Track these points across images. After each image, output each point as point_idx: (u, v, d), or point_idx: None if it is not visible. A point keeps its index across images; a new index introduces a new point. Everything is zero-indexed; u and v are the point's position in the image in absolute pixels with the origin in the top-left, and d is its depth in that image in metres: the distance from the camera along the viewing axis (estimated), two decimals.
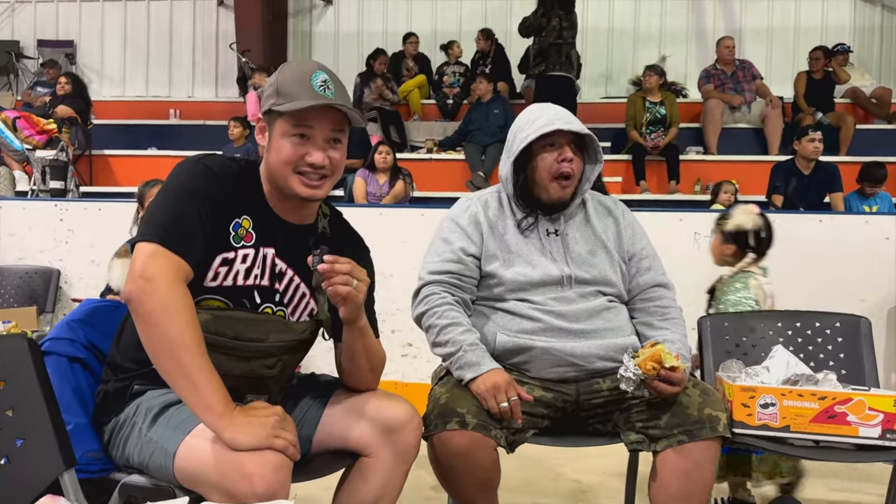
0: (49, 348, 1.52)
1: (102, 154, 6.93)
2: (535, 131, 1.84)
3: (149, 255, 1.33)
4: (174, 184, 1.42)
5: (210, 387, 1.29)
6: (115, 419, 1.46)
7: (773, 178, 5.25)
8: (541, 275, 1.83)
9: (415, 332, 2.11)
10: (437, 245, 1.91)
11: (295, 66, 1.49)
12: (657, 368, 1.64)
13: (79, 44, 9.40)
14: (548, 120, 1.85)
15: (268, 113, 1.47)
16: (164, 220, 1.37)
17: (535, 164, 1.87)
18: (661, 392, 1.68)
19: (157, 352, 1.31)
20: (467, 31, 8.48)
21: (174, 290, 1.31)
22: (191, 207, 1.38)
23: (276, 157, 1.45)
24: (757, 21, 8.52)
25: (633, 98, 6.67)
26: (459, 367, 1.74)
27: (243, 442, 1.26)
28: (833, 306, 2.40)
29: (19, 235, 4.16)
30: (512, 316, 1.83)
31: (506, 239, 1.88)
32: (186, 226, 1.37)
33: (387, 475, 1.53)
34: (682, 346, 1.82)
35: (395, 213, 4.13)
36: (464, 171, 6.53)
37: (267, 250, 1.49)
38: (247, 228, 1.47)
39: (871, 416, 1.74)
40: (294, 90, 1.43)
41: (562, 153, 1.85)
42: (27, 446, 1.29)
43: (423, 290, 1.86)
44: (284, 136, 1.45)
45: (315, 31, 9.25)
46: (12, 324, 3.26)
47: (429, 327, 1.82)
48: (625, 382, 1.69)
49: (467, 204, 1.95)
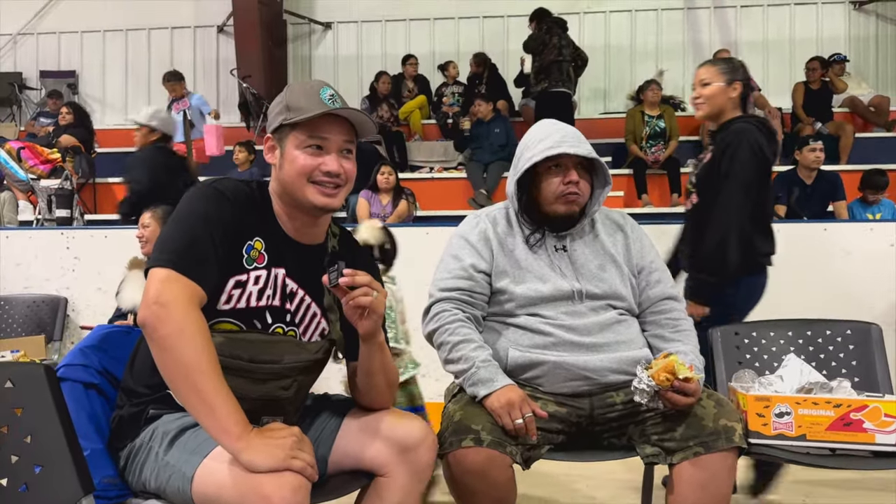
0: (64, 375, 1.53)
1: (106, 182, 6.97)
2: (540, 152, 1.85)
3: (163, 281, 1.34)
4: (186, 209, 1.43)
5: (227, 409, 1.29)
6: (131, 444, 1.45)
7: (776, 188, 5.25)
8: (551, 290, 1.83)
9: (424, 350, 2.11)
10: (447, 262, 1.91)
11: (302, 83, 1.53)
12: (671, 379, 1.64)
13: (81, 74, 9.50)
14: (554, 142, 1.85)
15: (277, 130, 1.49)
16: (178, 246, 1.38)
17: (541, 184, 1.88)
18: (675, 403, 1.67)
19: (174, 376, 1.32)
20: (465, 51, 8.56)
21: (189, 315, 1.32)
22: (203, 232, 1.39)
23: (290, 168, 1.47)
24: (752, 33, 8.59)
25: (631, 112, 6.71)
26: (473, 383, 1.74)
27: (261, 463, 1.25)
28: (842, 314, 2.39)
29: (25, 264, 4.18)
30: (524, 331, 1.83)
31: (515, 255, 1.89)
32: (199, 250, 1.38)
33: (402, 494, 1.52)
34: (695, 357, 1.82)
35: (398, 232, 4.12)
36: (466, 189, 6.55)
37: (278, 271, 1.50)
38: (259, 250, 1.48)
39: (887, 422, 1.73)
40: (304, 104, 1.46)
41: (567, 176, 1.85)
42: (45, 473, 1.28)
43: (433, 308, 1.87)
44: (298, 147, 1.47)
45: (315, 56, 9.33)
46: (21, 353, 3.27)
47: (441, 344, 1.82)
48: (639, 394, 1.69)
49: (476, 220, 1.96)
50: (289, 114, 1.47)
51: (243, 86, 7.90)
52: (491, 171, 6.41)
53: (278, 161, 1.50)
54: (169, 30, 9.38)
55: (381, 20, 9.09)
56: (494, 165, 6.42)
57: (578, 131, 1.92)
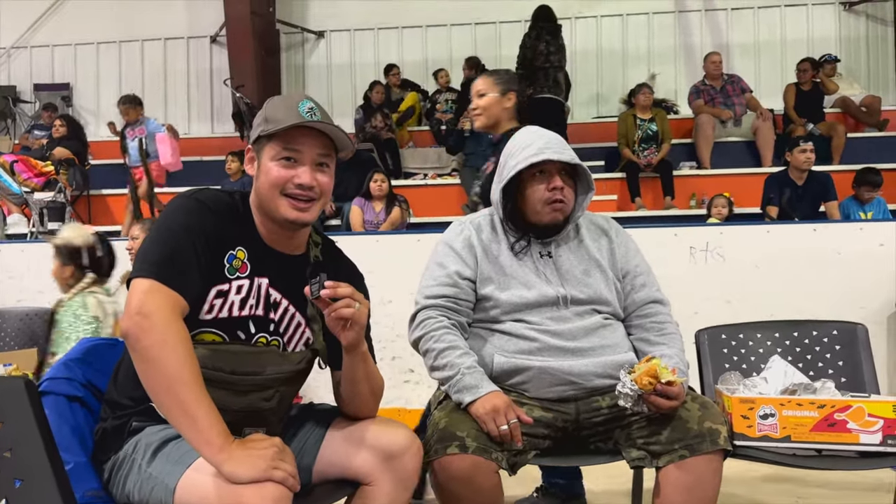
0: (47, 388, 1.52)
1: (101, 194, 6.98)
2: (524, 160, 1.85)
3: (145, 292, 1.34)
4: (167, 220, 1.44)
5: (208, 421, 1.29)
6: (115, 457, 1.45)
7: (767, 189, 5.28)
8: (536, 296, 1.84)
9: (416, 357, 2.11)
10: (432, 269, 1.92)
11: (284, 96, 1.54)
12: (654, 383, 1.64)
13: (75, 86, 9.52)
14: (538, 149, 1.86)
15: (256, 141, 1.50)
16: (159, 256, 1.38)
17: (526, 191, 1.88)
18: (658, 407, 1.68)
19: (155, 387, 1.32)
20: (458, 58, 8.58)
21: (171, 326, 1.32)
22: (185, 242, 1.40)
23: (264, 180, 1.48)
24: (743, 35, 8.62)
25: (624, 116, 6.73)
26: (458, 390, 1.74)
27: (243, 475, 1.26)
28: (832, 314, 2.41)
29: (18, 277, 4.17)
30: (509, 337, 1.84)
31: (500, 261, 1.89)
32: (181, 261, 1.38)
33: (388, 502, 1.52)
34: (680, 360, 1.82)
35: (392, 239, 4.15)
36: (459, 195, 6.56)
37: (261, 280, 1.50)
38: (242, 259, 1.48)
39: (871, 422, 1.74)
40: (281, 115, 1.46)
41: (552, 182, 1.86)
42: (26, 487, 1.28)
43: (419, 315, 1.87)
44: (272, 159, 1.47)
45: (308, 64, 9.35)
46: (13, 366, 3.25)
47: (426, 351, 1.83)
48: (623, 399, 1.69)
49: (460, 228, 1.96)
50: (266, 125, 1.47)
51: (237, 95, 7.91)
52: (484, 177, 6.41)
53: (256, 173, 1.51)
54: (162, 41, 9.40)
55: (374, 28, 9.12)
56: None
57: (561, 138, 1.92)
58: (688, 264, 3.70)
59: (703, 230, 3.89)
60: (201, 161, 7.67)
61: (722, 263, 3.71)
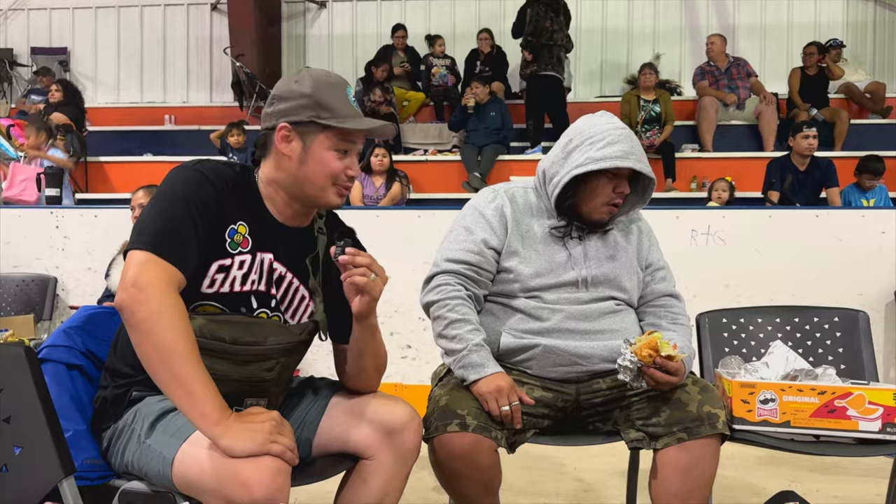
0: (47, 356, 1.52)
1: (98, 161, 6.92)
2: (609, 159, 1.76)
3: (141, 264, 1.32)
4: (167, 191, 1.41)
5: (205, 394, 1.28)
6: (114, 426, 1.45)
7: (769, 174, 5.26)
8: (557, 275, 1.82)
9: (414, 333, 2.11)
10: (459, 233, 1.86)
11: (325, 77, 1.49)
12: (653, 356, 1.63)
13: (72, 51, 9.40)
14: (623, 152, 1.78)
15: (301, 124, 1.45)
16: (157, 228, 1.36)
17: (591, 184, 1.81)
18: (657, 380, 1.67)
19: (151, 360, 1.30)
20: (461, 32, 8.49)
21: (167, 299, 1.30)
22: (184, 214, 1.37)
23: (317, 168, 1.46)
24: (750, 18, 8.54)
25: (627, 97, 6.68)
26: (463, 366, 1.73)
27: (240, 448, 1.25)
28: (831, 301, 2.40)
29: (15, 243, 4.15)
30: (520, 314, 1.82)
31: (529, 236, 1.85)
32: (180, 233, 1.36)
33: (388, 477, 1.53)
34: (687, 347, 1.81)
35: (392, 215, 4.12)
36: (460, 172, 6.53)
37: (265, 255, 1.49)
38: (243, 234, 1.46)
39: (871, 409, 1.74)
40: (338, 106, 1.45)
41: (620, 185, 1.81)
42: (26, 454, 1.28)
43: (436, 278, 1.83)
44: (329, 149, 1.46)
45: (309, 35, 9.24)
46: (9, 332, 3.25)
47: (437, 317, 1.80)
48: (623, 372, 1.69)
49: (493, 195, 1.90)
50: (322, 112, 1.44)
51: (236, 65, 7.83)
52: (485, 155, 6.39)
53: (297, 155, 1.46)
54: (162, 7, 9.28)
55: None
56: (489, 149, 6.39)
57: (638, 141, 1.86)
58: (688, 247, 3.69)
59: (705, 213, 3.88)
60: (199, 130, 7.61)
61: (722, 247, 3.71)
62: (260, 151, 1.52)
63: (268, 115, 1.49)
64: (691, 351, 1.83)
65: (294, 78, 1.49)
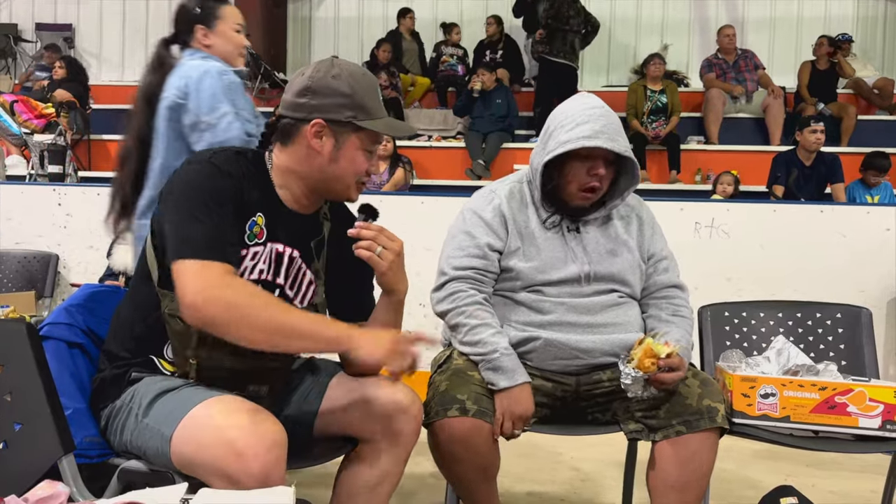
0: (48, 333, 1.51)
1: (101, 139, 6.89)
2: (576, 140, 1.74)
3: (195, 273, 1.31)
4: (192, 189, 1.38)
5: (323, 328, 1.37)
6: (112, 405, 1.45)
7: (775, 168, 5.24)
8: (560, 270, 1.81)
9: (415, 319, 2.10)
10: (461, 238, 1.86)
11: (362, 76, 1.48)
12: (655, 362, 1.63)
13: (77, 27, 9.33)
14: (593, 131, 1.74)
15: (338, 123, 1.44)
16: (197, 233, 1.34)
17: (565, 168, 1.79)
18: (667, 383, 1.67)
19: (263, 343, 1.33)
20: (469, 18, 8.42)
21: (227, 289, 1.31)
22: (216, 210, 1.36)
23: (348, 166, 1.47)
24: (759, 10, 8.47)
25: (634, 87, 6.64)
26: (493, 368, 1.73)
27: (368, 354, 1.35)
28: (834, 297, 2.40)
29: (17, 220, 4.14)
30: (523, 308, 1.82)
31: (528, 232, 1.85)
32: (219, 232, 1.36)
33: (386, 461, 1.53)
34: (685, 341, 1.80)
35: (395, 200, 4.10)
36: (464, 158, 6.51)
37: (276, 245, 1.49)
38: (260, 225, 1.46)
39: (871, 406, 1.74)
40: (375, 107, 1.46)
41: (594, 167, 1.77)
42: (26, 431, 1.28)
43: (447, 286, 1.82)
44: (360, 149, 1.47)
45: (315, 17, 9.18)
46: (10, 308, 3.26)
47: (456, 325, 1.79)
48: (632, 390, 1.68)
49: (491, 196, 1.89)
50: (360, 114, 1.44)
51: None
52: (490, 142, 6.36)
53: (328, 152, 1.45)
54: None
55: None
56: (493, 136, 6.36)
57: (617, 119, 1.82)
58: (692, 239, 3.68)
59: (710, 206, 3.87)
60: None
61: (726, 240, 3.70)
62: (279, 138, 1.49)
63: (300, 106, 1.45)
64: (689, 343, 1.83)
65: (330, 71, 1.45)
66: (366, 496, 1.54)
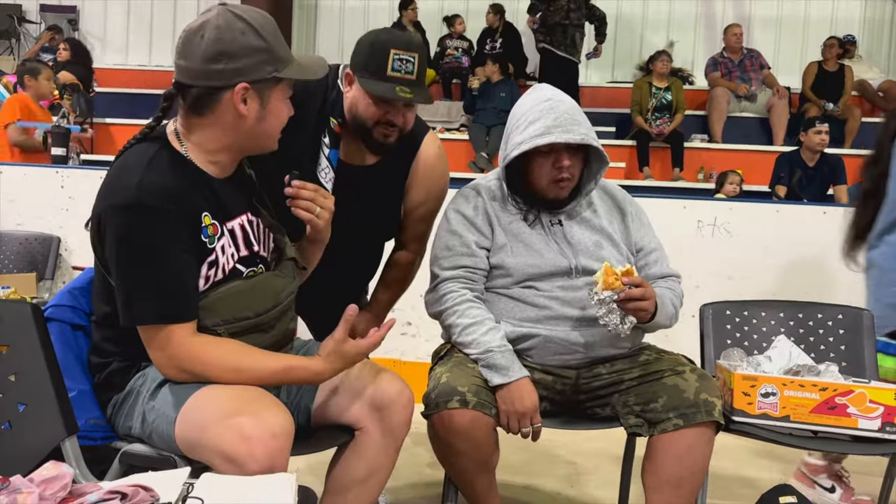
0: (52, 315, 1.51)
1: (104, 122, 6.89)
2: (530, 139, 1.75)
3: (159, 345, 1.35)
4: (138, 244, 1.32)
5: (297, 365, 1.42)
6: (119, 394, 1.45)
7: (778, 168, 5.24)
8: (549, 264, 1.82)
9: (415, 311, 2.10)
10: (448, 239, 1.87)
11: (263, 20, 1.40)
12: (619, 278, 1.64)
13: (81, 9, 9.29)
14: (545, 127, 1.74)
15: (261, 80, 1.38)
16: (150, 298, 1.32)
17: (531, 166, 1.80)
18: (637, 297, 1.67)
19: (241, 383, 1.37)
20: (474, 8, 8.39)
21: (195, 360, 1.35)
22: (170, 258, 1.33)
23: (275, 121, 1.44)
24: (766, 10, 8.44)
25: (639, 83, 6.64)
26: (488, 366, 1.73)
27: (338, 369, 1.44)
28: (835, 298, 2.40)
29: (19, 201, 4.13)
30: (517, 303, 1.82)
31: (511, 228, 1.86)
32: (174, 282, 1.33)
33: (377, 451, 1.55)
34: (667, 298, 1.80)
35: None
36: (467, 151, 6.50)
37: (230, 224, 1.45)
38: (211, 222, 1.41)
39: (871, 408, 1.74)
40: (285, 50, 1.42)
41: (558, 159, 1.77)
42: (29, 412, 1.28)
43: (440, 288, 1.83)
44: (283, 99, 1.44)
45: (321, 5, 9.14)
46: (11, 289, 3.26)
47: (449, 326, 1.80)
48: (611, 323, 1.68)
49: (473, 194, 1.91)
50: (279, 64, 1.40)
51: None
52: (493, 135, 6.36)
53: (256, 112, 1.39)
54: None
55: None
56: (497, 129, 6.36)
57: (575, 106, 1.81)
58: (693, 237, 3.68)
59: (713, 205, 3.86)
60: None
61: (728, 239, 3.69)
62: (193, 110, 1.40)
63: (216, 73, 1.34)
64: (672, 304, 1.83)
65: (235, 27, 1.35)
66: (356, 490, 1.55)
